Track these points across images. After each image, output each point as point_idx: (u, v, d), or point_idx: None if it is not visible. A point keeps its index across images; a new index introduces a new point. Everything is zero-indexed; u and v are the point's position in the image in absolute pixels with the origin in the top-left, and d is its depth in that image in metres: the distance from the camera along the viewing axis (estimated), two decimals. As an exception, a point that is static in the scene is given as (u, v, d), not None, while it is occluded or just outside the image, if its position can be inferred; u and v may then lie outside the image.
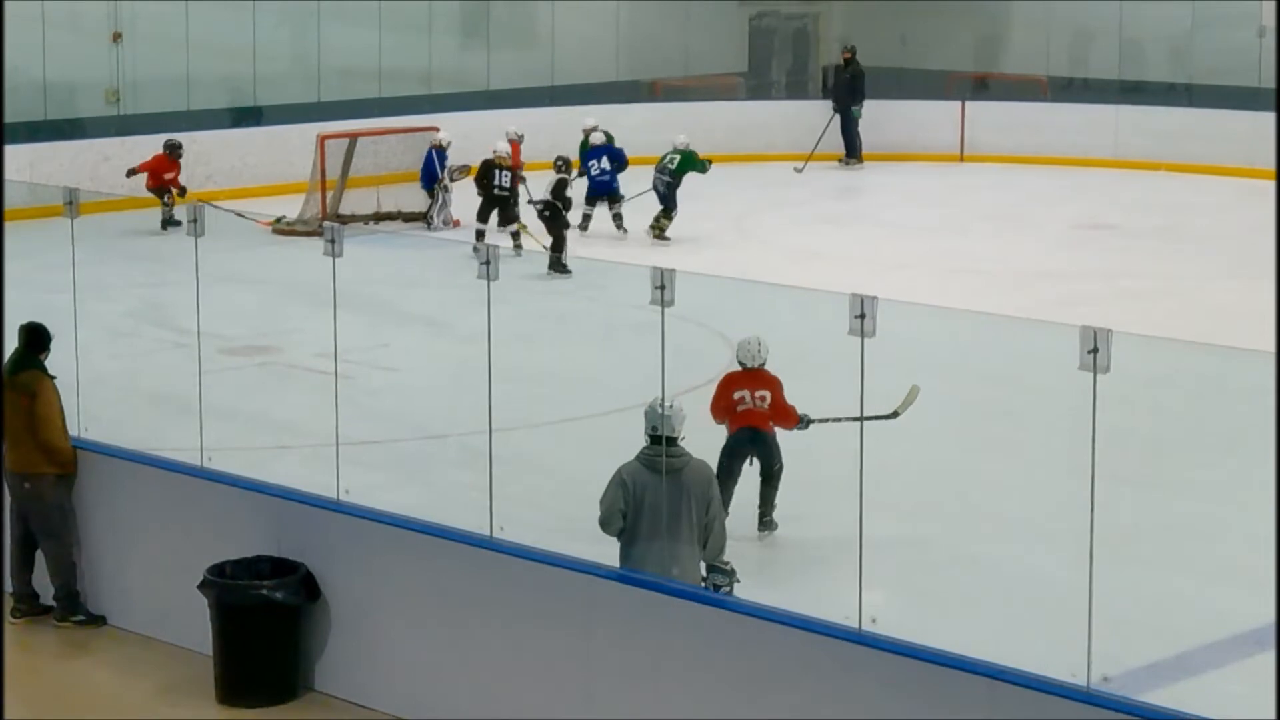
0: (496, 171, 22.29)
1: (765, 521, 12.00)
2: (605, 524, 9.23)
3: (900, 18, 32.51)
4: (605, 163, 23.37)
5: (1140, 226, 24.38)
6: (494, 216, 22.26)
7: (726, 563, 9.48)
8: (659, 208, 23.08)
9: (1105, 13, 30.49)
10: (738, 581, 9.57)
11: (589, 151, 23.63)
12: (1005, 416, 14.78)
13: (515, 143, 24.35)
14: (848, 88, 29.81)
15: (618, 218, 23.33)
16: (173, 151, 23.96)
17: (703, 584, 9.40)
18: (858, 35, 33.61)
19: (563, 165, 22.01)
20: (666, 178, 23.11)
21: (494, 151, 22.58)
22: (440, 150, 23.91)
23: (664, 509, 9.10)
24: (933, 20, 32.04)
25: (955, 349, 15.78)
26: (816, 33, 34.40)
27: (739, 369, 11.91)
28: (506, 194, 22.21)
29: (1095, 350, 7.68)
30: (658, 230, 23.02)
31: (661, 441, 9.19)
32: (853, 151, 29.58)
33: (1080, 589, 7.85)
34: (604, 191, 23.31)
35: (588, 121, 24.42)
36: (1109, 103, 29.83)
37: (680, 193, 23.47)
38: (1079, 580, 7.85)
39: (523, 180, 22.66)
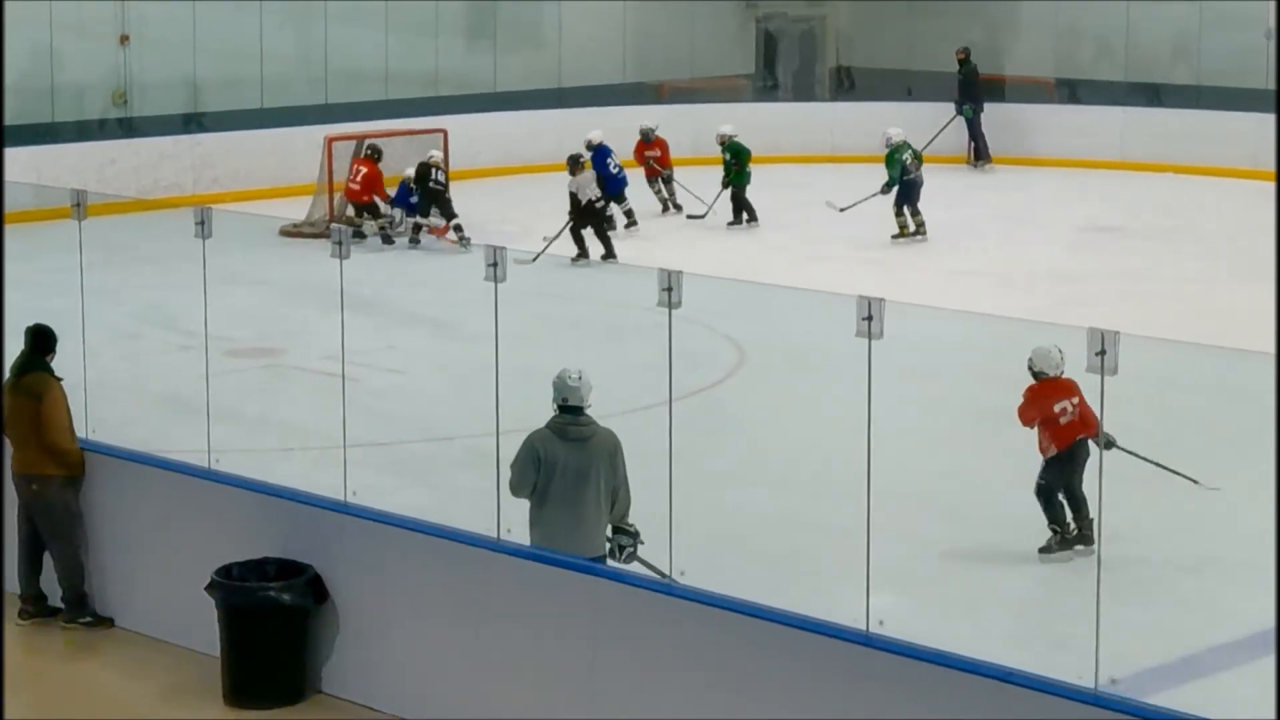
0: (433, 170, 23.03)
1: (1085, 535, 11.58)
2: (516, 488, 9.54)
3: (906, 20, 32.49)
4: (613, 168, 23.59)
5: (1147, 228, 24.36)
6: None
7: (631, 525, 9.68)
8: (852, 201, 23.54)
9: (1112, 14, 30.46)
10: (642, 543, 9.66)
11: (600, 150, 23.66)
12: (1012, 418, 14.75)
13: (648, 141, 25.38)
14: (961, 88, 29.56)
15: (629, 213, 23.77)
16: (378, 155, 23.58)
17: (607, 544, 9.66)
18: (863, 38, 33.67)
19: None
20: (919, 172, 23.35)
21: (429, 155, 23.36)
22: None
23: (571, 475, 9.46)
24: (939, 22, 32.01)
25: (962, 351, 15.77)
26: (823, 34, 34.39)
27: (1037, 380, 11.65)
28: (441, 189, 22.99)
29: (1103, 352, 7.67)
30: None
31: (570, 411, 9.54)
32: (980, 154, 29.36)
33: (1088, 590, 7.84)
34: (621, 189, 23.56)
35: (594, 134, 24.40)
36: (1115, 104, 29.81)
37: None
38: (1087, 581, 7.84)
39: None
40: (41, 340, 10.98)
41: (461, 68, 30.31)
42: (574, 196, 22.05)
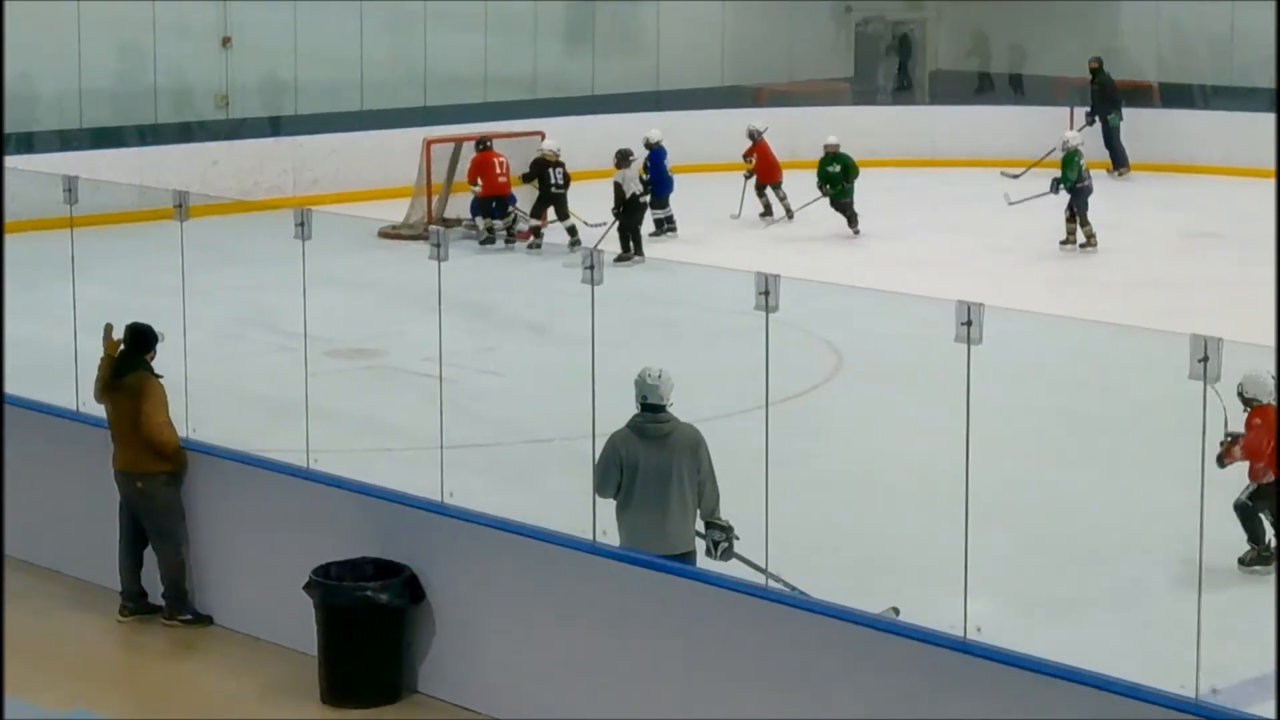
0: (550, 170, 22.75)
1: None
2: (599, 488, 9.63)
3: (1009, 23, 32.29)
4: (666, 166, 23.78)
5: (1251, 235, 24.04)
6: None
7: (723, 520, 9.67)
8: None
9: (1216, 18, 30.15)
10: (737, 538, 9.63)
11: (657, 150, 23.69)
12: (1114, 426, 14.65)
13: (753, 141, 25.06)
14: (1099, 97, 29.09)
15: (663, 221, 23.73)
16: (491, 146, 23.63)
17: (701, 540, 9.67)
18: (966, 41, 33.48)
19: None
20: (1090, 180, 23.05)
21: (543, 149, 23.04)
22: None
23: (654, 473, 9.49)
24: (1042, 26, 31.81)
25: (1064, 357, 15.66)
26: (923, 38, 34.26)
27: (1250, 407, 11.07)
28: (561, 191, 22.74)
29: (1206, 359, 7.60)
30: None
31: (650, 409, 9.57)
32: (1120, 161, 28.95)
33: (1189, 599, 7.76)
34: (669, 192, 23.70)
35: (654, 133, 24.36)
36: (1221, 109, 29.49)
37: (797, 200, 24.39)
38: (1188, 590, 7.77)
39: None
40: (140, 339, 11.07)
41: (559, 71, 30.38)
42: (619, 189, 22.17)
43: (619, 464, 9.54)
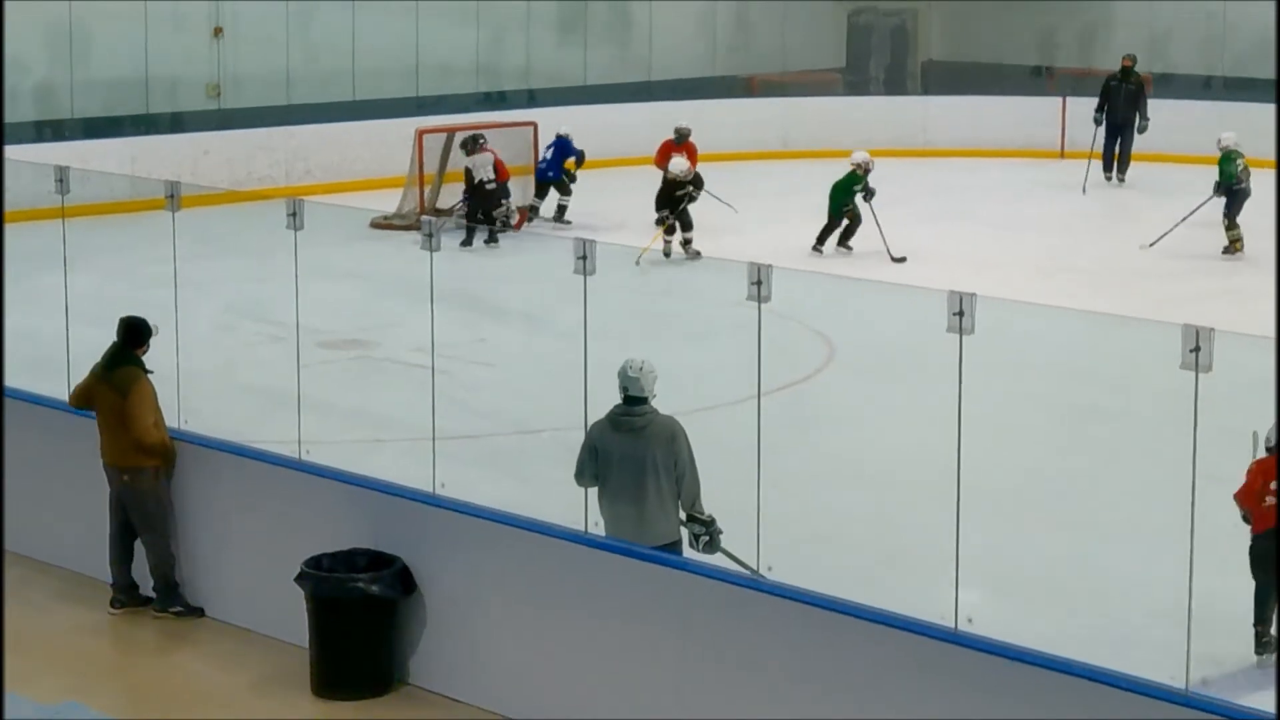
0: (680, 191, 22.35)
1: (1264, 642, 9.85)
2: (575, 475, 9.73)
3: (1000, 14, 32.30)
4: (548, 153, 23.91)
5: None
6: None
7: (704, 514, 9.65)
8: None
9: (1209, 8, 30.16)
10: (720, 532, 9.61)
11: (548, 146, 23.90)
12: (1105, 416, 14.66)
13: (678, 143, 24.15)
14: (1132, 98, 27.95)
15: (560, 209, 23.92)
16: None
17: (684, 532, 9.67)
18: (957, 31, 33.50)
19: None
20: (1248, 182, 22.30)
21: (674, 171, 22.53)
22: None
23: (629, 465, 9.50)
24: (1034, 16, 31.81)
25: (1056, 347, 15.66)
26: (915, 29, 34.27)
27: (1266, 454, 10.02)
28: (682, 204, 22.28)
29: (1197, 349, 7.60)
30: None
31: (631, 401, 9.56)
32: (1121, 166, 28.07)
33: (1180, 590, 7.77)
34: (541, 179, 23.95)
35: (563, 128, 24.39)
36: (1212, 99, 29.49)
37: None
38: (1179, 581, 7.77)
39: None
40: (133, 333, 11.02)
41: (552, 61, 30.37)
42: (468, 174, 22.61)
43: (594, 454, 9.59)
